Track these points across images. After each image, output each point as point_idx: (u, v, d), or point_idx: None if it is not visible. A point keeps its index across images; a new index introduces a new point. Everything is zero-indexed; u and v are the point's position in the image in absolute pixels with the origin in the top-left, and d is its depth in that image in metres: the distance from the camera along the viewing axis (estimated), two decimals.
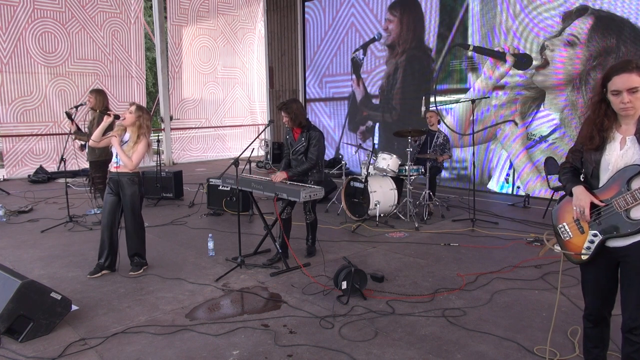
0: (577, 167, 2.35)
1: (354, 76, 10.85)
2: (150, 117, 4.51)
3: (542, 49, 7.61)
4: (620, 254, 2.17)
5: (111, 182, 4.41)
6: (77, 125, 6.24)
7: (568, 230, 2.34)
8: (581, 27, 7.20)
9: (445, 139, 6.86)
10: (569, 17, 7.31)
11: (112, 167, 4.41)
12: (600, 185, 2.20)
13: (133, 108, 4.37)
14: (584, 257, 2.27)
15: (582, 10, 7.18)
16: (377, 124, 10.46)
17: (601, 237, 2.19)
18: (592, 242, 2.23)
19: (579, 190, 2.24)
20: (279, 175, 4.57)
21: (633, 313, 2.14)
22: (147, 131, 4.41)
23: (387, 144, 9.95)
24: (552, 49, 7.50)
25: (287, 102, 4.69)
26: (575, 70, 7.28)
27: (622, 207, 2.10)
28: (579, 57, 7.23)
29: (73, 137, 6.36)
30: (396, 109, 10.04)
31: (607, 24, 6.93)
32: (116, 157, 4.37)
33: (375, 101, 10.52)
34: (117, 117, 4.49)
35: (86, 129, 6.17)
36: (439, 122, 7.07)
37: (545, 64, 7.59)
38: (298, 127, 4.69)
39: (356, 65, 10.83)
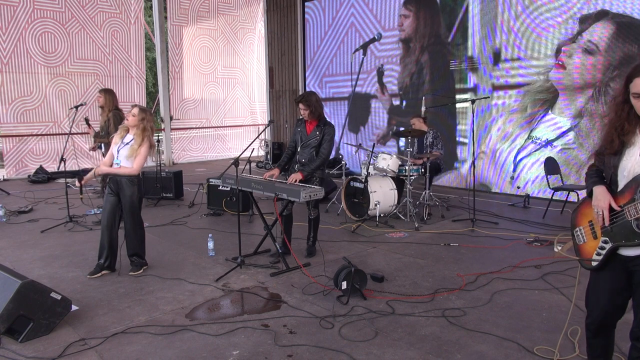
0: (602, 170, 2.25)
1: (377, 86, 10.42)
2: (152, 118, 4.54)
3: (558, 51, 7.46)
4: (634, 262, 2.10)
5: (111, 182, 4.42)
6: (94, 129, 6.36)
7: (583, 234, 2.27)
8: (601, 34, 6.96)
9: (435, 135, 6.86)
10: (586, 20, 7.09)
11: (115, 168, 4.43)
12: (618, 191, 2.12)
13: (136, 111, 4.39)
14: (593, 264, 2.21)
15: (601, 14, 6.94)
16: (401, 127, 10.13)
17: (611, 245, 2.13)
18: (602, 248, 2.16)
19: (598, 190, 2.14)
20: (294, 177, 4.56)
21: None
22: (151, 133, 4.45)
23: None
24: (570, 54, 7.31)
25: (306, 95, 4.73)
26: (590, 79, 7.11)
27: (632, 215, 2.02)
28: (595, 65, 7.05)
29: (93, 140, 6.49)
30: (453, 108, 9.16)
31: (628, 30, 6.73)
32: (117, 158, 4.38)
33: (397, 103, 10.17)
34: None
35: (97, 129, 6.29)
36: (425, 121, 7.01)
37: (561, 68, 7.42)
38: (315, 120, 4.70)
39: (380, 75, 10.38)
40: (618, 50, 6.86)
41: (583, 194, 6.55)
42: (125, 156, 4.36)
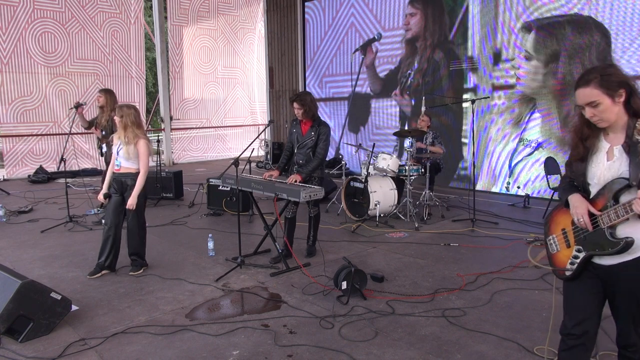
0: (574, 179, 2.18)
1: (397, 90, 10.16)
2: (131, 111, 4.41)
3: (513, 65, 8.05)
4: (608, 271, 2.02)
5: (114, 182, 4.43)
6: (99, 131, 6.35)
7: (556, 242, 2.19)
8: (526, 42, 7.78)
9: (435, 136, 6.88)
10: (521, 31, 7.86)
11: (114, 169, 4.45)
12: (590, 198, 2.06)
13: (115, 112, 4.43)
14: (567, 273, 2.13)
15: (525, 27, 7.77)
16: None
17: (585, 253, 2.05)
18: (576, 257, 2.08)
19: (574, 199, 2.07)
20: (293, 178, 4.55)
21: (623, 329, 2.06)
22: (137, 128, 4.37)
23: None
24: (517, 67, 7.93)
25: (300, 94, 4.75)
26: (540, 83, 7.69)
27: (605, 223, 1.95)
28: (537, 70, 7.70)
29: (97, 142, 6.44)
30: (452, 108, 8.99)
31: (547, 30, 7.46)
32: (117, 159, 4.39)
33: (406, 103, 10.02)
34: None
35: (92, 129, 6.26)
36: (428, 127, 6.99)
37: (516, 78, 7.98)
38: (309, 120, 4.70)
39: (405, 80, 10.04)
40: (543, 51, 7.57)
41: None
42: (123, 157, 4.38)
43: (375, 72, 10.49)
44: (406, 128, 9.76)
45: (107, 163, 6.20)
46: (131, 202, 4.30)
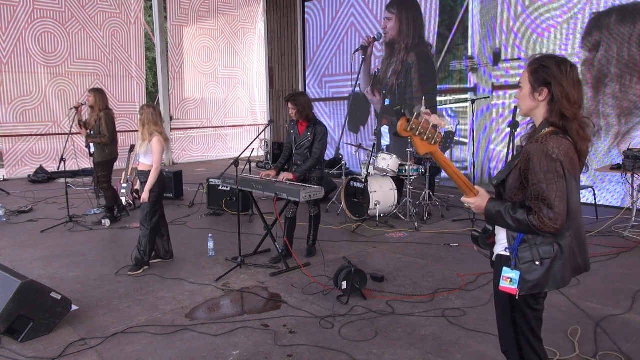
0: None
1: (369, 88, 10.59)
2: (150, 110, 4.54)
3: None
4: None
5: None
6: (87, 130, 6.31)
7: None
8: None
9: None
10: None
11: (136, 165, 4.71)
12: None
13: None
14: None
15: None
16: (387, 127, 10.32)
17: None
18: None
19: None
20: (285, 175, 4.56)
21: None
22: (153, 125, 4.47)
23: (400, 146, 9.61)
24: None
25: (295, 94, 4.77)
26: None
27: None
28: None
29: (85, 141, 6.36)
30: (427, 108, 9.49)
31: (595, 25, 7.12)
32: (137, 156, 4.56)
33: (388, 103, 10.32)
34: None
35: (80, 128, 6.22)
36: None
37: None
38: (305, 121, 4.71)
39: (374, 78, 10.55)
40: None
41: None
42: (140, 153, 4.52)
43: (369, 71, 10.70)
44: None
45: (95, 163, 6.23)
46: (144, 196, 4.45)
